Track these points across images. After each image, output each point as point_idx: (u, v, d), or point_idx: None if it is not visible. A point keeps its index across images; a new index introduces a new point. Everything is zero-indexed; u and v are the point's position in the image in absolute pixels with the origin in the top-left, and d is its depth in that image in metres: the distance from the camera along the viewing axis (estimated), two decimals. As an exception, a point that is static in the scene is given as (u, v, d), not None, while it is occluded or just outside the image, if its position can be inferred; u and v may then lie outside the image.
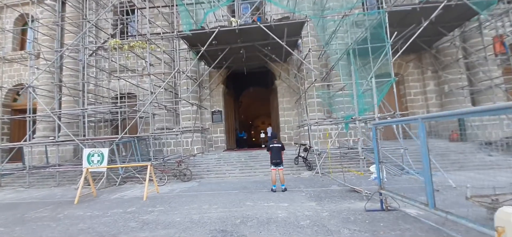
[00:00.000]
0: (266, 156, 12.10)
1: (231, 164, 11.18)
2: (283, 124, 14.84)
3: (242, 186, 7.94)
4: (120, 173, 9.47)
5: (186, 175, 9.45)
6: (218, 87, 15.11)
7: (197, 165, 11.22)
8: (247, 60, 13.45)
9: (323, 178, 8.63)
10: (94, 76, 15.42)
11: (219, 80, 15.05)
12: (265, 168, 10.41)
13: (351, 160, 10.22)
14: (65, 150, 14.67)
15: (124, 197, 7.40)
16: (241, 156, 12.20)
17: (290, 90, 14.86)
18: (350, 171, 8.61)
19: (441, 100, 13.74)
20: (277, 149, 6.81)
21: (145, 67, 13.29)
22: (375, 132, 4.67)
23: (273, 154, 6.80)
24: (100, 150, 9.41)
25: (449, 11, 9.80)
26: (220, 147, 14.71)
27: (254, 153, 12.63)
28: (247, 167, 10.67)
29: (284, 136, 14.76)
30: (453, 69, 13.07)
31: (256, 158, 11.84)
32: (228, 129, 16.02)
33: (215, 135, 14.86)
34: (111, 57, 12.47)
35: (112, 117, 14.79)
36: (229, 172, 10.20)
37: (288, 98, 14.95)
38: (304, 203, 5.47)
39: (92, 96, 15.28)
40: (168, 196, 7.05)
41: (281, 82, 14.98)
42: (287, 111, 14.88)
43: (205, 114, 14.75)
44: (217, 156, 12.47)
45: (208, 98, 14.96)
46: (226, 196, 6.57)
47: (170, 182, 9.43)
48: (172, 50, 12.90)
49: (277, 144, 6.85)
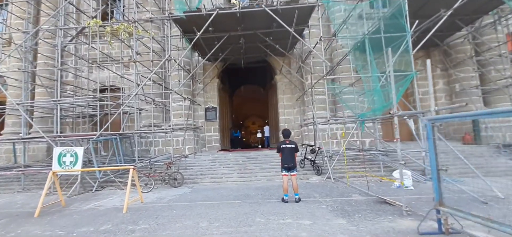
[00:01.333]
0: (267, 158, 10.92)
1: (228, 166, 9.91)
2: (283, 123, 13.67)
3: (245, 194, 6.70)
4: (97, 177, 8.02)
5: (177, 180, 8.12)
6: (212, 81, 13.79)
7: (189, 168, 9.89)
8: (246, 51, 12.20)
9: (336, 184, 7.50)
10: (74, 65, 13.80)
11: (214, 73, 13.73)
12: (266, 171, 9.20)
13: (363, 164, 9.17)
14: (37, 149, 12.98)
15: (99, 207, 6.00)
16: (239, 157, 10.95)
17: (291, 86, 13.72)
18: (368, 175, 7.54)
19: (451, 99, 12.96)
20: (289, 151, 5.62)
21: (132, 56, 11.83)
22: (432, 130, 3.56)
23: (285, 157, 5.60)
24: (74, 150, 7.93)
25: (471, 2, 8.91)
26: (214, 147, 13.40)
27: (253, 154, 11.40)
28: (247, 170, 9.42)
29: (284, 136, 13.59)
30: (465, 67, 12.30)
31: (255, 160, 10.61)
32: (222, 128, 14.72)
33: (208, 134, 13.53)
34: (92, 43, 10.94)
35: (93, 112, 13.22)
36: (226, 176, 8.93)
37: (289, 94, 13.80)
38: (331, 221, 4.29)
39: (70, 88, 13.64)
40: (155, 208, 5.71)
41: (282, 78, 13.82)
42: (287, 109, 13.73)
43: (198, 110, 13.40)
44: (211, 157, 11.16)
45: (202, 93, 13.61)
46: (228, 208, 5.31)
47: (157, 188, 8.06)
48: (163, 38, 11.49)
49: (290, 144, 5.65)
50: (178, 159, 9.25)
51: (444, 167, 3.55)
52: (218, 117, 13.77)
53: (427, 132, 3.62)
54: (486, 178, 7.61)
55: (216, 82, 13.93)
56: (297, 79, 13.41)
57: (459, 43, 12.43)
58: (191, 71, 12.37)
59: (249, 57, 13.17)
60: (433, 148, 3.54)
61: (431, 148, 3.56)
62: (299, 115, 13.43)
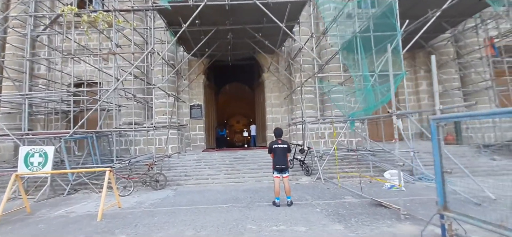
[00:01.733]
0: (254, 157, 10.58)
1: (214, 167, 9.46)
2: (270, 121, 13.40)
3: (232, 196, 6.31)
4: (70, 180, 7.31)
5: (159, 182, 7.58)
6: (198, 77, 13.24)
7: (173, 168, 9.34)
8: (234, 47, 11.77)
9: (327, 185, 7.29)
10: (46, 57, 12.74)
11: (200, 69, 13.19)
12: (254, 172, 8.86)
13: (352, 164, 9.06)
14: (3, 148, 11.87)
15: (70, 214, 5.39)
16: (225, 157, 10.53)
17: (279, 85, 13.46)
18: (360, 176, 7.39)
19: (434, 101, 13.23)
20: (282, 151, 5.30)
21: (111, 49, 11.02)
22: (437, 131, 3.37)
23: (277, 158, 5.27)
24: (43, 149, 7.18)
25: (459, 3, 9.04)
26: (198, 147, 12.87)
27: (240, 154, 11.02)
28: (234, 171, 9.03)
29: (271, 136, 13.23)
30: (448, 68, 12.61)
31: (242, 160, 10.24)
32: (208, 127, 14.22)
33: (193, 133, 12.98)
34: (66, 33, 10.04)
35: (67, 108, 12.28)
36: (213, 177, 8.49)
37: (276, 93, 13.54)
38: (328, 226, 4.02)
39: (43, 83, 12.61)
40: (134, 214, 5.20)
41: (270, 75, 13.52)
42: (275, 108, 13.47)
43: (182, 108, 12.81)
44: (196, 157, 10.66)
45: (187, 90, 13.03)
46: (216, 214, 4.91)
47: (138, 190, 7.48)
48: (146, 29, 10.79)
49: (282, 144, 5.33)
50: (160, 159, 8.69)
51: (449, 169, 3.38)
52: (204, 115, 13.26)
53: (432, 132, 3.43)
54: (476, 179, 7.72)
55: (202, 79, 13.39)
56: (286, 77, 13.17)
57: (442, 46, 12.73)
58: (176, 66, 11.76)
59: (237, 53, 12.75)
60: (438, 149, 3.35)
61: (436, 149, 3.37)
62: (287, 114, 13.21)
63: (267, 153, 5.57)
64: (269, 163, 9.65)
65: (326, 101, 12.52)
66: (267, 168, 9.10)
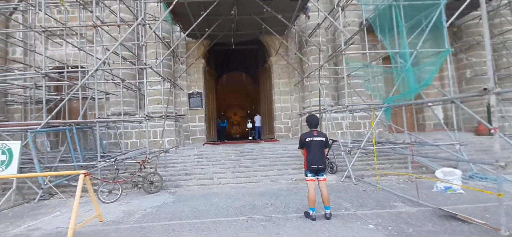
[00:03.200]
0: (264, 152, 9.22)
1: (219, 163, 8.09)
2: (278, 111, 12.01)
3: (247, 203, 4.96)
4: (41, 183, 5.86)
5: (154, 184, 6.19)
6: (197, 62, 11.73)
7: (171, 166, 7.95)
8: (238, 26, 10.22)
9: (361, 186, 5.97)
10: (22, 38, 11.12)
11: (199, 52, 11.66)
12: (267, 169, 7.51)
13: (379, 158, 7.76)
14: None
15: (33, 233, 3.99)
16: (230, 151, 9.16)
17: (288, 70, 12.02)
18: (395, 173, 6.10)
19: (461, 87, 11.97)
20: (318, 146, 3.93)
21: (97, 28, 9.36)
22: None
23: (312, 154, 3.90)
24: (6, 145, 5.71)
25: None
26: (198, 140, 11.47)
27: (247, 147, 9.65)
28: (242, 168, 7.67)
29: (279, 127, 11.98)
30: (479, 51, 11.27)
31: (250, 154, 8.88)
32: (208, 117, 12.79)
33: (193, 124, 11.55)
34: (38, 8, 8.43)
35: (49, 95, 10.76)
36: (218, 176, 7.12)
37: (285, 79, 12.11)
38: (406, 260, 2.69)
39: (21, 68, 11.06)
40: (120, 232, 3.82)
41: (278, 60, 12.06)
42: (284, 96, 12.06)
43: (180, 96, 11.33)
44: (197, 151, 9.27)
45: (185, 76, 11.53)
46: (232, 232, 3.56)
47: (127, 194, 6.10)
48: (136, 1, 9.20)
49: (319, 137, 3.95)
50: (155, 156, 7.28)
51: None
52: (204, 104, 11.81)
53: None
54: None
55: (202, 63, 11.89)
56: (296, 60, 11.73)
57: (473, 25, 11.35)
58: (173, 51, 10.22)
59: (241, 34, 11.19)
60: None
61: None
62: (298, 102, 11.82)
63: (297, 149, 4.18)
64: (282, 159, 8.34)
65: (342, 88, 11.15)
66: (281, 165, 7.77)
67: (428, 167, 6.96)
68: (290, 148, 9.37)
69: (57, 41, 10.34)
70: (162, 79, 8.23)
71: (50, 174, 5.32)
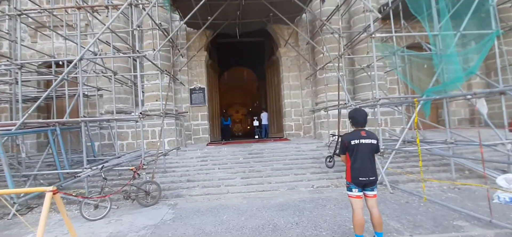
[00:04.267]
0: (275, 153, 8.21)
1: (226, 167, 7.09)
2: (288, 107, 10.98)
3: (266, 222, 3.95)
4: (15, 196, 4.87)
5: (150, 194, 5.20)
6: (199, 54, 10.69)
7: (171, 171, 6.96)
8: (244, 13, 9.16)
9: (399, 195, 4.95)
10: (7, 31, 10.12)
11: (201, 44, 10.62)
12: (282, 175, 6.49)
13: (408, 160, 6.74)
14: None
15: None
16: (237, 153, 8.16)
17: (299, 62, 10.97)
18: (430, 180, 5.07)
19: (489, 78, 10.86)
20: (368, 151, 2.90)
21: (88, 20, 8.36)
22: None
23: (360, 162, 2.88)
24: (-29, 150, 4.72)
25: None
26: (201, 139, 10.48)
27: (255, 148, 8.64)
28: (253, 173, 6.66)
29: (290, 125, 10.96)
30: (511, 38, 10.18)
31: (261, 156, 7.88)
32: (212, 115, 11.79)
33: (195, 123, 10.55)
34: None
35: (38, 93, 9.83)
36: (226, 183, 6.12)
37: (295, 72, 11.06)
38: None
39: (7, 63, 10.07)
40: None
41: (287, 51, 11.01)
42: (294, 91, 11.02)
43: (180, 92, 10.32)
44: (200, 153, 8.28)
45: (186, 70, 10.51)
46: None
47: (118, 208, 5.11)
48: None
49: (369, 138, 2.91)
50: (153, 160, 6.28)
51: None
52: (207, 101, 10.80)
53: None
54: None
55: (204, 56, 10.85)
56: (308, 51, 10.68)
57: (503, 9, 10.25)
58: (172, 39, 9.19)
59: (247, 23, 10.14)
60: None
61: None
62: (310, 97, 10.78)
63: (338, 155, 3.14)
64: (297, 161, 7.32)
65: (358, 81, 10.11)
66: (297, 168, 6.76)
67: (472, 170, 5.94)
68: (304, 148, 8.37)
69: (47, 33, 9.38)
70: (159, 72, 7.22)
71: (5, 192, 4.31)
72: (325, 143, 8.68)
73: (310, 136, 10.51)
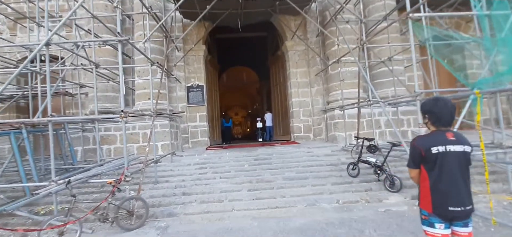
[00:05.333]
0: (285, 158, 7.09)
1: (229, 176, 5.99)
2: (296, 107, 9.90)
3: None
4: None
5: (135, 214, 4.09)
6: (197, 48, 9.62)
7: (163, 181, 5.86)
8: (246, 3, 8.13)
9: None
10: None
11: (199, 36, 9.54)
12: (297, 185, 5.39)
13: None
14: None
15: None
16: (241, 158, 7.08)
17: (308, 57, 9.91)
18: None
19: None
20: (459, 162, 1.83)
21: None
22: None
23: (446, 182, 1.82)
24: None
25: None
26: (200, 143, 9.38)
27: (261, 152, 7.56)
28: (262, 184, 5.56)
29: (298, 126, 9.87)
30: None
31: (268, 162, 6.79)
32: (211, 116, 10.70)
33: (192, 124, 9.45)
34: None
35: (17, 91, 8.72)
36: (230, 196, 5.02)
37: (304, 68, 10.00)
38: None
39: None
40: None
41: (295, 44, 9.95)
42: (302, 88, 9.94)
43: (176, 90, 9.22)
44: (198, 159, 7.19)
45: (182, 65, 9.43)
46: None
47: (95, 232, 4.00)
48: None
49: (458, 144, 1.85)
50: (140, 169, 5.18)
51: None
52: (206, 100, 9.72)
53: None
54: None
55: (203, 50, 9.78)
56: (318, 44, 9.63)
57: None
58: (165, 27, 8.12)
59: (250, 13, 9.07)
60: None
61: None
62: (320, 95, 9.70)
63: (408, 168, 2.03)
64: (312, 169, 6.22)
65: (375, 77, 9.05)
66: (314, 178, 5.67)
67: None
68: (318, 153, 7.29)
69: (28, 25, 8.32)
70: (150, 64, 6.14)
71: None
72: (340, 147, 7.61)
73: (321, 139, 9.43)
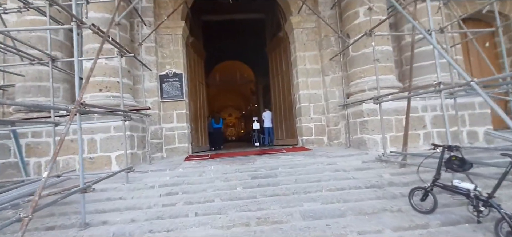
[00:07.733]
0: (295, 175, 4.64)
1: (210, 210, 3.62)
2: (304, 102, 7.63)
3: None
4: None
5: None
6: (174, 25, 7.25)
7: (98, 222, 3.43)
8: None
9: None
10: None
11: (178, 13, 7.15)
12: (326, 229, 3.08)
13: None
14: None
15: None
16: (231, 176, 4.75)
17: (319, 37, 7.67)
18: None
19: None
20: None
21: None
22: None
23: None
24: None
25: None
26: (178, 150, 7.03)
27: (261, 164, 5.24)
28: (265, 225, 3.22)
29: (308, 127, 7.60)
30: None
31: (273, 182, 4.45)
32: (195, 115, 8.36)
33: (167, 126, 7.08)
34: None
35: None
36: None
37: (314, 51, 7.75)
38: None
39: None
40: None
41: (301, 21, 7.69)
42: (312, 77, 7.68)
43: (144, 79, 6.80)
44: (169, 177, 4.85)
45: (153, 47, 7.06)
46: None
47: None
48: None
49: None
50: (56, 200, 2.82)
51: None
52: (186, 94, 7.37)
53: None
54: None
55: (181, 27, 7.41)
56: (335, 19, 7.40)
57: None
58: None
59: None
60: None
61: None
62: (337, 86, 7.44)
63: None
64: (343, 193, 3.65)
65: (415, 58, 6.83)
66: (355, 215, 3.35)
67: None
68: (344, 166, 4.99)
69: None
70: (101, 42, 3.81)
71: None
72: (375, 156, 5.33)
73: (339, 144, 7.18)
